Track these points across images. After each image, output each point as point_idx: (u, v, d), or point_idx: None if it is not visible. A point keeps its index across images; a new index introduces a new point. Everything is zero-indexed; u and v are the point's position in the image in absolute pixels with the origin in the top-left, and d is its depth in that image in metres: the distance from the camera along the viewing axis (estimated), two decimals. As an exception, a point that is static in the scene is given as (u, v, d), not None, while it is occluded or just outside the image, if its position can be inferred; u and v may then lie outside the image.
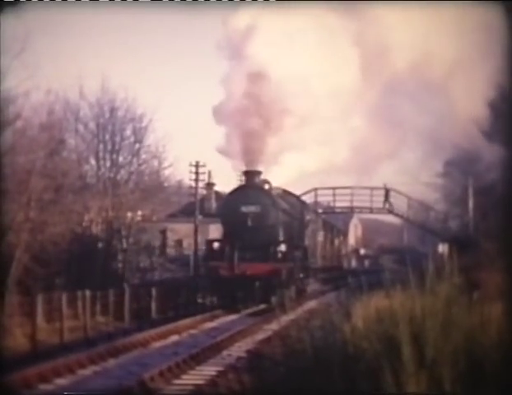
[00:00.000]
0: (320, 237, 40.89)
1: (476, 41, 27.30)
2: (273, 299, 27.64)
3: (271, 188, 30.12)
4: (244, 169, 29.98)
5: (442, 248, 39.17)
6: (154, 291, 27.43)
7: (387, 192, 42.00)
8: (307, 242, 34.31)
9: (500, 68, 20.56)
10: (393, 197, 41.97)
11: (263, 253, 27.89)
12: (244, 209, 28.31)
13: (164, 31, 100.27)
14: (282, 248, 28.24)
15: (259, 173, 29.75)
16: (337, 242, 50.06)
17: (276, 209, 28.97)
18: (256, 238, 27.94)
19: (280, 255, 28.09)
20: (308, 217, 35.27)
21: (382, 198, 42.31)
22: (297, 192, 35.85)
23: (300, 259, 30.70)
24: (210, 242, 29.85)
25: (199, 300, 30.89)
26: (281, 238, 29.09)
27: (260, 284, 27.55)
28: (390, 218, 49.50)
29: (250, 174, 29.52)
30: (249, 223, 28.10)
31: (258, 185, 29.52)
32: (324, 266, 41.58)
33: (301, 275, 31.58)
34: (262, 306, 27.91)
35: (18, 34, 22.60)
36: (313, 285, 35.43)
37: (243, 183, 30.58)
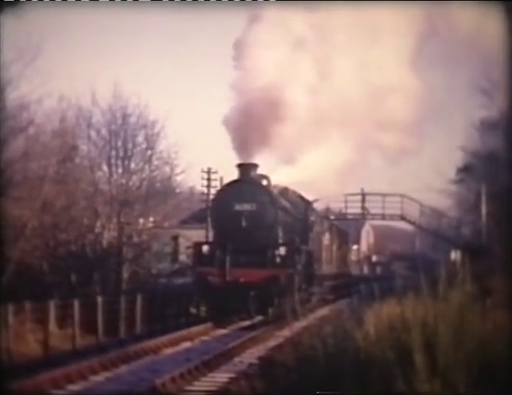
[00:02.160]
0: (326, 240, 37.36)
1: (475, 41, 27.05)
2: (270, 311, 24.52)
3: (269, 184, 26.58)
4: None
5: (454, 254, 39.05)
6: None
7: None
8: (311, 245, 30.46)
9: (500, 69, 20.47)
10: (405, 204, 41.84)
11: (260, 258, 24.49)
12: (237, 207, 24.84)
13: (177, 36, 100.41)
14: (282, 251, 24.82)
15: (255, 166, 25.99)
16: (344, 247, 46.90)
17: (274, 207, 25.34)
18: (251, 240, 24.58)
19: (279, 260, 24.68)
20: (312, 218, 31.45)
21: (395, 205, 42.22)
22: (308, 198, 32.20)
23: (302, 265, 26.98)
24: (198, 245, 26.16)
25: (193, 311, 27.47)
26: (281, 240, 25.60)
27: (255, 293, 24.12)
28: (402, 225, 49.34)
29: (245, 168, 25.68)
30: (243, 223, 24.68)
31: (254, 180, 25.80)
32: (331, 272, 38.04)
33: (304, 282, 27.94)
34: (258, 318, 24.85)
35: (31, 40, 22.76)
36: (318, 294, 32.11)
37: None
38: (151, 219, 34.10)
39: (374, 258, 74.97)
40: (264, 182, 26.28)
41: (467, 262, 11.37)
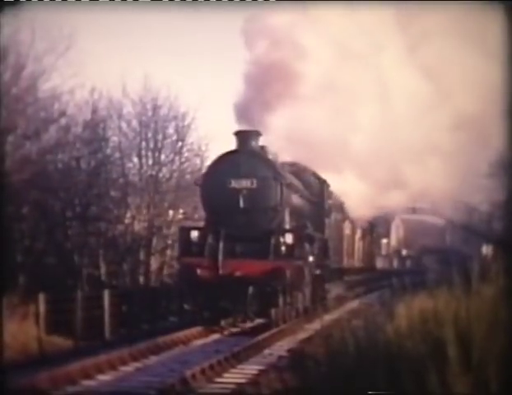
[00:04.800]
0: (347, 230, 33.18)
1: (476, 42, 26.43)
2: (274, 312, 20.41)
3: (276, 159, 22.40)
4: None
5: (486, 249, 38.73)
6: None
7: None
8: (328, 233, 26.07)
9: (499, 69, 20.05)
10: (436, 198, 41.52)
11: (261, 247, 20.27)
12: (234, 184, 20.66)
13: (209, 30, 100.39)
14: (288, 239, 20.47)
15: (258, 134, 21.57)
16: (368, 237, 42.92)
17: (280, 184, 20.86)
18: (250, 224, 20.59)
19: (284, 249, 20.40)
20: (330, 201, 26.75)
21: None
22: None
23: (316, 256, 22.98)
24: (185, 230, 21.62)
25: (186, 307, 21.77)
26: (287, 225, 21.34)
27: (255, 290, 19.98)
28: (433, 219, 49.05)
29: (244, 136, 21.29)
30: (241, 203, 20.51)
31: (256, 151, 21.33)
32: (352, 266, 34.32)
33: (318, 277, 23.92)
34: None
35: (63, 32, 22.91)
36: (336, 291, 28.35)
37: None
38: (181, 211, 34.13)
39: (404, 252, 74.58)
40: (270, 156, 21.97)
41: (499, 257, 11.25)
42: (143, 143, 31.77)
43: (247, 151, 21.09)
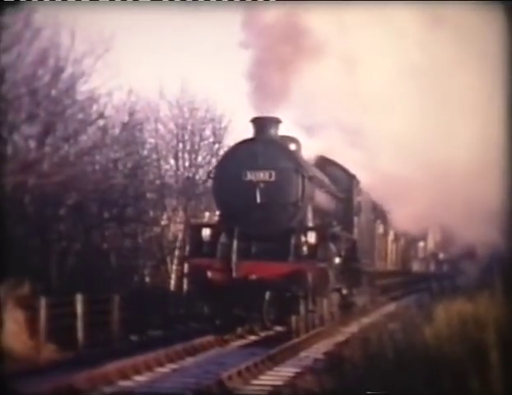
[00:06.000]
0: (380, 230, 31.23)
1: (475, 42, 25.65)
2: (294, 320, 18.47)
3: (299, 150, 20.27)
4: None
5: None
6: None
7: None
8: (357, 233, 23.90)
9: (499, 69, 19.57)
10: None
11: (279, 247, 18.18)
12: (250, 176, 18.54)
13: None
14: (311, 238, 18.31)
15: (277, 121, 19.22)
16: (402, 239, 40.71)
17: (301, 178, 18.63)
18: (268, 222, 18.48)
19: (306, 249, 18.29)
20: (360, 198, 24.44)
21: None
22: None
23: (343, 258, 20.82)
24: (196, 228, 19.89)
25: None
26: (310, 223, 19.13)
27: (273, 295, 17.96)
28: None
29: (262, 123, 18.98)
30: (258, 198, 18.37)
31: (275, 140, 19.09)
32: (384, 269, 32.26)
33: (345, 281, 21.89)
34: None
35: (103, 34, 23.02)
36: (366, 297, 26.15)
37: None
38: (217, 212, 34.14)
39: (441, 256, 73.97)
40: (292, 146, 19.81)
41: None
42: (180, 145, 31.87)
43: (265, 140, 18.89)
